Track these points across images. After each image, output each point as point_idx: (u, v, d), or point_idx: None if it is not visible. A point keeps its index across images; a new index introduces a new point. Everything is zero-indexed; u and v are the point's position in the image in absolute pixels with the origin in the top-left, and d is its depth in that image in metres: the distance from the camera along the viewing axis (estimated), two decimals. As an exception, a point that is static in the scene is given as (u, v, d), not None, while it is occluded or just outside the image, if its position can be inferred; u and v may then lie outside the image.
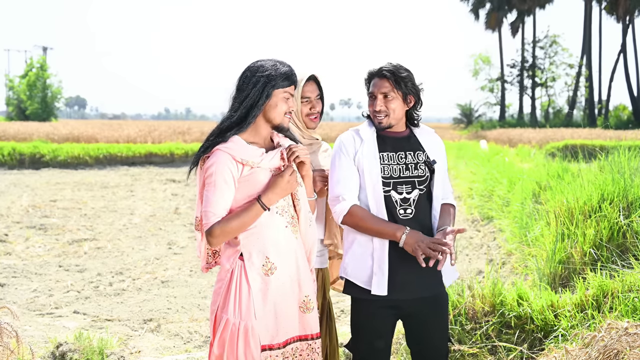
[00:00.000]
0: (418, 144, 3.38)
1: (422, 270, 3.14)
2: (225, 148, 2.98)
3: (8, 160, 22.13)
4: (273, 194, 2.99)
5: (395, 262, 3.24)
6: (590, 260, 5.50)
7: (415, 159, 3.32)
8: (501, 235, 9.04)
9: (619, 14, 50.77)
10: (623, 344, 3.22)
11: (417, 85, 3.32)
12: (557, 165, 10.06)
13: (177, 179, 18.56)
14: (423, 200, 3.31)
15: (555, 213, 6.40)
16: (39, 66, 53.48)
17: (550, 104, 60.80)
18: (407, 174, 3.28)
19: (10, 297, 6.97)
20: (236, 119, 3.01)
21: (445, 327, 3.46)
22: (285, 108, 3.06)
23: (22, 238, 10.12)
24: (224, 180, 2.95)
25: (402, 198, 3.26)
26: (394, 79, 3.25)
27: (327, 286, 3.62)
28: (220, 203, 2.95)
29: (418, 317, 3.36)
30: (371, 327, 3.35)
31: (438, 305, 3.37)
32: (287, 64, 3.08)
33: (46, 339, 5.42)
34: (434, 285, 3.32)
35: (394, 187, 3.27)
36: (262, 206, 2.97)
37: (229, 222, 2.94)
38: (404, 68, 3.29)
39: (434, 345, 3.40)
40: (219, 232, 2.94)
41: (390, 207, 3.26)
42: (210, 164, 2.97)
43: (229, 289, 3.02)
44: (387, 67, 3.28)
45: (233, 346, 2.98)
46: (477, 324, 4.84)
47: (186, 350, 5.42)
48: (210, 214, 2.95)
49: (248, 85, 3.02)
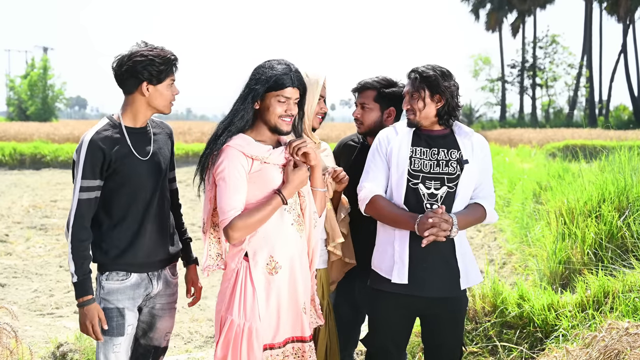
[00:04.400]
0: (454, 143, 3.40)
1: (443, 270, 3.28)
2: (234, 144, 2.97)
3: (9, 160, 22.14)
4: (293, 187, 3.00)
5: (418, 258, 3.29)
6: (590, 260, 5.49)
7: (447, 156, 3.35)
8: (502, 235, 9.05)
9: (619, 14, 50.75)
10: (624, 344, 3.21)
11: (445, 85, 3.33)
12: (557, 165, 10.07)
13: (178, 179, 18.49)
14: (451, 198, 3.33)
15: (556, 213, 6.40)
16: (42, 67, 53.44)
17: (551, 104, 60.81)
18: (437, 170, 3.32)
19: (11, 297, 6.97)
20: (227, 122, 3.03)
21: (461, 329, 3.49)
22: (279, 111, 3.00)
23: (22, 238, 10.12)
24: (238, 174, 2.94)
25: (429, 193, 3.30)
26: (420, 80, 3.34)
27: (327, 286, 3.62)
28: (237, 197, 2.94)
29: (435, 317, 3.41)
30: (388, 321, 3.41)
31: (456, 309, 3.42)
32: (287, 66, 3.02)
33: (47, 339, 5.42)
34: (453, 287, 3.34)
35: (423, 181, 3.31)
36: (282, 199, 2.98)
37: (251, 216, 2.93)
38: (435, 69, 3.35)
39: (448, 345, 3.45)
40: (242, 226, 2.92)
41: (417, 200, 3.30)
42: (221, 161, 2.96)
43: (234, 289, 3.02)
44: (415, 69, 3.39)
45: (237, 347, 2.98)
46: (477, 324, 4.84)
47: (187, 350, 5.42)
48: (227, 209, 2.93)
49: (246, 86, 3.04)
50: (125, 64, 3.05)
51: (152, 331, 3.32)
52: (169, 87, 3.13)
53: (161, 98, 3.12)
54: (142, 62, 3.03)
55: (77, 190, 3.00)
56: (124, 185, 3.08)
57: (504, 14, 58.99)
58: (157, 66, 3.04)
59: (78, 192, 3.00)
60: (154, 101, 3.11)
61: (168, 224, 3.31)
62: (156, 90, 3.09)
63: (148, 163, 3.14)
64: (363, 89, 3.81)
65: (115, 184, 3.07)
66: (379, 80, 3.80)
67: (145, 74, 3.04)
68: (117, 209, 3.10)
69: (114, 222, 3.10)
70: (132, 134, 3.12)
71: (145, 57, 3.03)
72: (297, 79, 3.02)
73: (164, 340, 3.38)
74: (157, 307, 3.29)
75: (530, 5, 56.08)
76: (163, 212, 3.26)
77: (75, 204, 3.00)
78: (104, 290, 3.10)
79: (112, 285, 3.09)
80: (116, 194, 3.09)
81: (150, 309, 3.28)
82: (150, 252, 3.18)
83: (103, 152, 3.01)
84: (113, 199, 3.09)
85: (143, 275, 3.17)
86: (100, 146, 3.01)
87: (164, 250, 3.25)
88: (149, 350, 3.36)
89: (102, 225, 3.11)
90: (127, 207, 3.11)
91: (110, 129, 3.09)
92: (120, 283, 3.10)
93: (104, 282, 3.10)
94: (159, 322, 3.31)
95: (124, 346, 3.13)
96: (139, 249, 3.13)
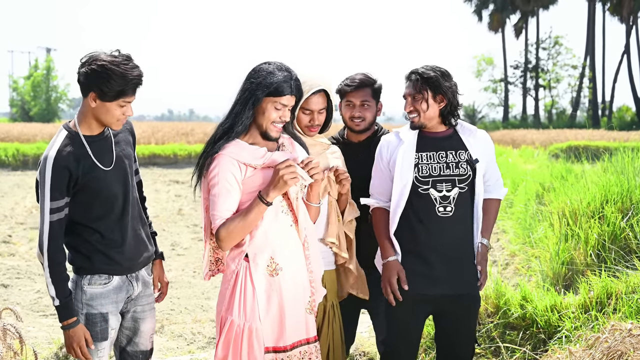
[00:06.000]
0: (460, 143, 3.43)
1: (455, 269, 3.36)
2: (227, 152, 2.96)
3: (12, 161, 22.15)
4: (272, 187, 2.91)
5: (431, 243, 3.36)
6: (593, 261, 5.49)
7: (456, 158, 3.38)
8: (505, 236, 9.04)
9: (622, 14, 50.64)
10: (627, 345, 3.21)
11: (446, 85, 3.35)
12: (560, 166, 10.06)
13: (181, 180, 18.55)
14: (464, 198, 3.38)
15: (559, 214, 6.40)
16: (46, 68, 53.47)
17: (554, 105, 60.68)
18: (447, 173, 3.36)
19: (14, 298, 6.99)
20: (227, 127, 3.01)
21: (473, 329, 3.52)
22: (273, 116, 2.99)
23: (25, 239, 10.13)
24: (227, 183, 2.94)
25: (441, 196, 3.34)
26: (420, 81, 3.35)
27: (333, 288, 3.59)
28: (225, 206, 2.94)
29: (449, 315, 3.46)
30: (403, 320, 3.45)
31: (469, 306, 3.46)
32: (287, 72, 2.98)
33: (50, 339, 5.44)
34: (466, 284, 3.40)
35: (433, 185, 3.35)
36: (261, 200, 2.92)
37: (233, 222, 2.92)
38: (433, 69, 3.37)
39: (461, 343, 3.49)
40: (225, 234, 2.93)
41: (429, 205, 3.34)
42: (213, 168, 2.96)
43: (234, 290, 3.02)
44: (415, 69, 3.40)
45: (237, 348, 2.98)
46: (480, 325, 4.83)
47: (189, 351, 5.42)
48: (216, 217, 2.95)
49: (241, 91, 3.01)
50: (84, 66, 2.89)
51: (137, 336, 3.30)
52: (118, 107, 2.94)
53: (107, 114, 2.96)
54: (98, 74, 2.85)
55: (47, 213, 2.89)
56: (96, 198, 3.01)
57: (507, 14, 58.87)
58: (111, 84, 2.86)
59: (49, 215, 2.89)
60: (99, 114, 2.96)
61: (145, 224, 3.30)
62: (103, 106, 2.93)
63: (114, 171, 3.06)
64: (362, 86, 3.78)
65: (87, 198, 2.99)
66: (369, 77, 3.79)
67: (95, 87, 2.88)
68: (94, 220, 3.04)
69: (92, 230, 3.04)
70: (92, 142, 3.01)
71: (104, 69, 2.84)
72: (295, 87, 3.01)
73: (150, 343, 3.37)
74: (138, 310, 3.27)
75: (534, 6, 55.99)
76: (139, 213, 3.25)
77: (47, 227, 2.90)
78: (87, 295, 3.05)
79: (94, 290, 3.05)
80: (90, 207, 3.02)
81: (132, 314, 3.25)
82: (132, 255, 3.16)
83: (69, 170, 2.91)
84: (87, 212, 3.02)
85: (124, 277, 3.15)
86: (64, 165, 2.90)
87: (143, 251, 3.23)
88: (138, 357, 3.34)
89: (81, 234, 3.05)
90: (103, 216, 3.06)
91: (70, 143, 2.96)
92: (102, 287, 3.07)
93: (85, 286, 3.05)
94: (142, 325, 3.29)
95: (107, 350, 3.14)
96: (120, 252, 3.10)
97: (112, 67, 2.85)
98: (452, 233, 3.36)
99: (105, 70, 2.84)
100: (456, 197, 3.35)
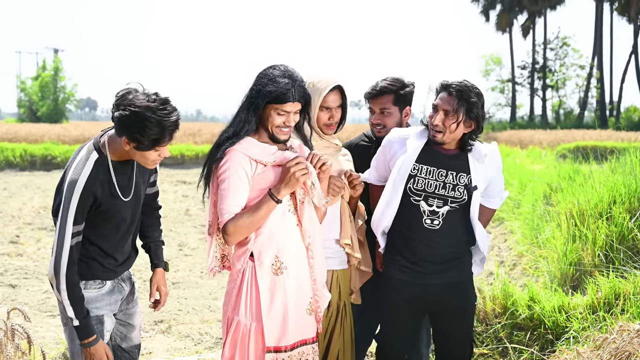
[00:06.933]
0: (465, 165, 3.33)
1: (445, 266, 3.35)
2: (239, 148, 2.97)
3: (19, 161, 22.22)
4: (284, 185, 2.94)
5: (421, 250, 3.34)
6: (601, 262, 5.47)
7: (455, 180, 3.30)
8: (512, 236, 9.02)
9: (630, 14, 50.45)
10: (635, 346, 3.20)
11: (482, 112, 3.24)
12: (568, 166, 10.01)
13: (188, 181, 18.58)
14: (454, 215, 3.33)
15: (567, 215, 6.38)
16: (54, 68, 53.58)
17: (561, 105, 60.50)
18: (442, 192, 3.30)
19: (22, 298, 7.01)
20: (230, 133, 3.02)
21: (470, 327, 3.53)
22: (277, 122, 2.99)
23: (33, 239, 10.16)
24: (238, 178, 2.94)
25: (431, 210, 3.30)
26: (460, 100, 3.19)
27: (344, 287, 3.60)
28: (234, 200, 2.94)
29: (443, 310, 3.44)
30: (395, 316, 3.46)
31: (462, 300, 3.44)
32: (289, 79, 2.95)
33: (57, 340, 5.45)
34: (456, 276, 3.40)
35: (425, 199, 3.31)
36: (272, 197, 2.94)
37: (241, 218, 2.93)
38: (475, 92, 3.21)
39: (458, 342, 3.49)
40: (232, 229, 2.93)
41: (417, 215, 3.32)
42: (224, 163, 2.97)
43: (240, 290, 3.02)
44: (458, 85, 3.21)
45: (244, 348, 2.98)
46: (488, 326, 4.83)
47: (197, 351, 5.43)
48: (224, 212, 2.95)
49: (245, 98, 3.02)
50: (121, 109, 2.75)
51: (131, 331, 3.36)
52: (154, 152, 2.88)
53: (142, 158, 2.92)
54: (133, 122, 2.73)
55: (69, 237, 2.84)
56: (107, 221, 3.02)
57: (515, 15, 58.73)
58: (147, 133, 2.75)
59: (69, 239, 2.85)
60: (132, 156, 2.94)
61: (137, 234, 3.35)
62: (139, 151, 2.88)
63: (131, 200, 3.07)
64: (380, 94, 3.78)
65: (98, 219, 2.98)
66: (393, 83, 3.78)
67: (128, 134, 2.78)
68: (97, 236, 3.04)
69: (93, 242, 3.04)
70: (117, 168, 2.98)
71: (138, 118, 2.72)
72: (298, 93, 2.97)
73: (140, 336, 3.44)
74: (129, 307, 3.33)
75: (541, 6, 55.84)
76: (136, 228, 3.29)
77: (66, 252, 2.85)
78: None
79: (90, 294, 3.06)
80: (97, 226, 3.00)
81: (125, 311, 3.31)
82: (126, 264, 3.25)
83: (95, 196, 2.89)
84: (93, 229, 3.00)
85: (114, 281, 3.20)
86: (93, 191, 2.88)
87: (133, 259, 3.33)
88: (133, 351, 3.39)
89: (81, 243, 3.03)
90: (107, 234, 3.08)
91: (99, 168, 2.91)
92: (97, 291, 3.09)
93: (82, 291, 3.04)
94: (133, 319, 3.35)
95: None
96: (115, 263, 3.15)
97: (148, 116, 2.72)
98: (439, 244, 3.34)
99: (140, 118, 2.72)
100: (445, 213, 3.31)
